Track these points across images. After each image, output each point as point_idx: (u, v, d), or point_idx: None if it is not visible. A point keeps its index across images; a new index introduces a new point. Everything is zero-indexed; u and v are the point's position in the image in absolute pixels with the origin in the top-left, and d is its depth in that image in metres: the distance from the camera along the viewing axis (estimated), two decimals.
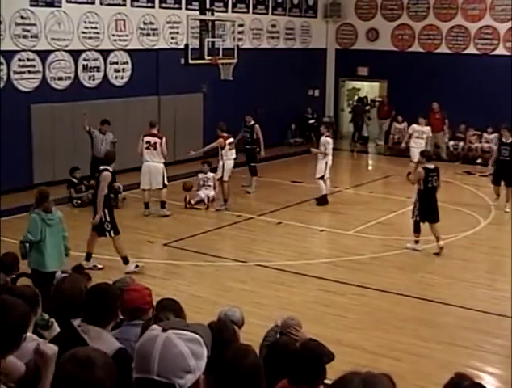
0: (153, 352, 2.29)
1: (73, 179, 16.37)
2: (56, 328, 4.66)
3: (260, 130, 17.52)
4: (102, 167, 11.75)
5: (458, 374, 3.43)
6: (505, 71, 22.55)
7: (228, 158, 16.14)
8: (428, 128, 19.37)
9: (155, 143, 15.37)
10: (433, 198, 13.02)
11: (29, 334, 3.95)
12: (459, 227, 14.77)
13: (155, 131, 15.68)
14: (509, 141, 16.52)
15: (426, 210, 12.95)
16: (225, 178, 16.01)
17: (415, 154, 17.98)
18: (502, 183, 16.51)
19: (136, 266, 11.58)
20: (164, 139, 15.47)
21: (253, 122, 17.63)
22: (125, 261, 11.64)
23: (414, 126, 19.27)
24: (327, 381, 6.89)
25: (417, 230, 13.22)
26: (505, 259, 13.29)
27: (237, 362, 3.13)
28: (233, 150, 16.30)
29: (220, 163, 16.12)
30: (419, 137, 19.10)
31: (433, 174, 13.04)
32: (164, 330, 2.34)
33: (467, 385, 3.30)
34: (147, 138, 15.44)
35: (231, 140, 16.24)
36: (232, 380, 3.09)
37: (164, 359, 2.28)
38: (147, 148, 15.47)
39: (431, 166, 13.15)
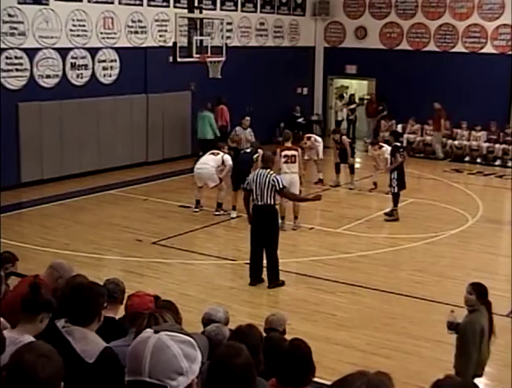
0: (145, 353, 2.25)
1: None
2: None
3: None
4: None
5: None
6: (493, 69, 22.63)
7: None
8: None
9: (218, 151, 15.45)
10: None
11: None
12: (448, 225, 14.82)
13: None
14: None
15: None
16: None
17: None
18: None
19: None
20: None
21: None
22: None
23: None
24: (325, 382, 6.94)
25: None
26: (493, 256, 13.37)
27: (229, 361, 3.11)
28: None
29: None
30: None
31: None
32: (156, 332, 2.31)
33: (458, 382, 3.29)
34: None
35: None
36: (223, 379, 3.07)
37: (155, 360, 2.24)
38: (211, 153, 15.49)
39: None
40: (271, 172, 11.26)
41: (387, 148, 17.98)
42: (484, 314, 6.89)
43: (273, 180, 11.02)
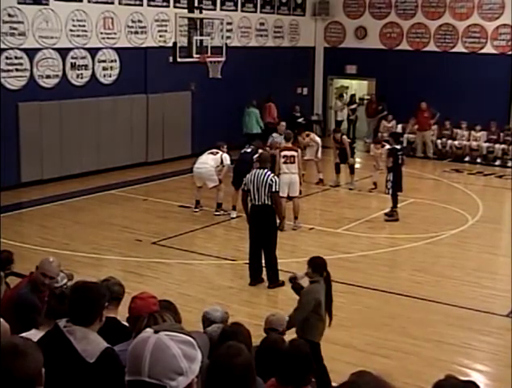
0: (144, 353, 2.25)
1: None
2: None
3: None
4: None
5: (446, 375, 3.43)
6: (493, 69, 22.64)
7: None
8: None
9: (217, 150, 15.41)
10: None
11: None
12: (448, 225, 14.82)
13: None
14: None
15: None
16: None
17: None
18: None
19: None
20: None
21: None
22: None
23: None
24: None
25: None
26: (492, 256, 13.37)
27: (229, 361, 3.11)
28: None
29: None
30: None
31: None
32: (156, 332, 2.31)
33: (459, 382, 3.29)
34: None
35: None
36: (223, 379, 3.07)
37: (155, 360, 2.24)
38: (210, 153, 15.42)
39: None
40: (269, 172, 11.26)
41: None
42: (322, 285, 7.79)
43: (271, 180, 11.02)
